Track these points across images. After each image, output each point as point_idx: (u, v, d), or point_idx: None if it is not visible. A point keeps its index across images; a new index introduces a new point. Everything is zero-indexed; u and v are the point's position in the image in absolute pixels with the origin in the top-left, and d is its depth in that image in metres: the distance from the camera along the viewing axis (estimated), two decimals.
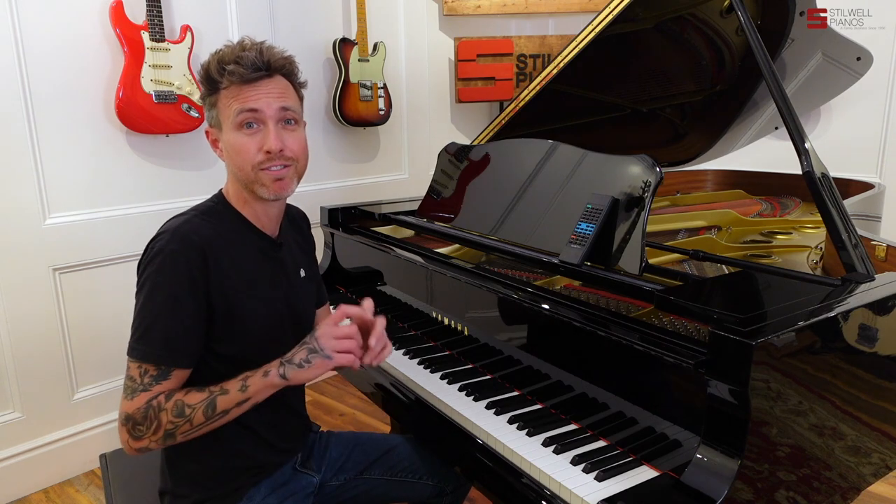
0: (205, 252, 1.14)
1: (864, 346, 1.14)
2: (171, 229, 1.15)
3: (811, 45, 1.98)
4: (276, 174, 1.18)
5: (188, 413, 1.08)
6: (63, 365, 2.32)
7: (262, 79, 1.16)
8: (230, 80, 1.15)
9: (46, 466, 2.31)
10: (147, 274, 1.13)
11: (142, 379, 1.11)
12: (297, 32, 2.84)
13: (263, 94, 1.16)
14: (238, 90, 1.15)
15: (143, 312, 1.12)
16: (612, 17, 1.66)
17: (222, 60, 1.16)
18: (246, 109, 1.15)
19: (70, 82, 2.21)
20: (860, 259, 1.22)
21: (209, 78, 1.18)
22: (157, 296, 1.11)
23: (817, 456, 1.08)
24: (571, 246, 1.37)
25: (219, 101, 1.18)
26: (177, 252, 1.12)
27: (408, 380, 1.46)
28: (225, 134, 1.19)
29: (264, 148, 1.16)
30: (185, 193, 2.53)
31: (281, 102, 1.18)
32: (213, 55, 1.18)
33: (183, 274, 1.11)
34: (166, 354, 1.11)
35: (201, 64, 1.21)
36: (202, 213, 1.22)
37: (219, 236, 1.18)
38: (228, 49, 1.17)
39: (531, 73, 3.44)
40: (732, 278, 1.33)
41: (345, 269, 2.07)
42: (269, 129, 1.17)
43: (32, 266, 2.20)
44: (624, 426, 1.15)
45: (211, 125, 1.22)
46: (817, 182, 1.24)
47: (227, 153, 1.19)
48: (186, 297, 1.12)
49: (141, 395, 1.10)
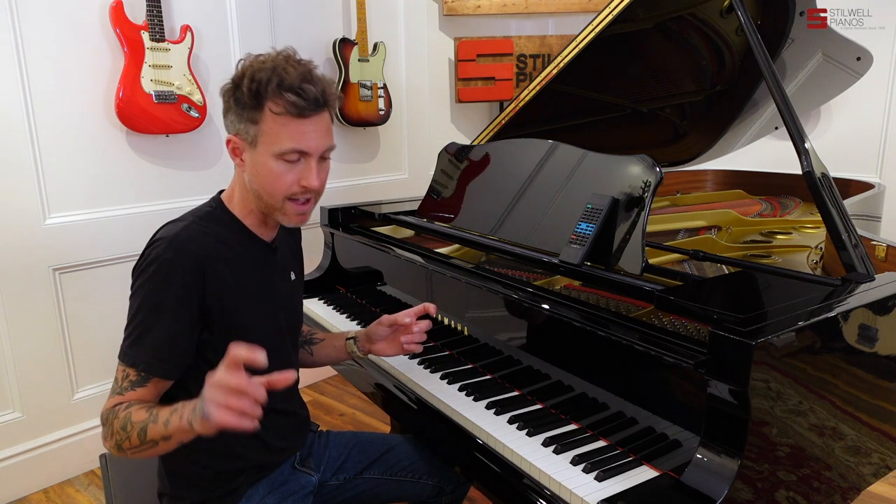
0: (202, 263, 1.13)
1: (864, 346, 1.14)
2: (168, 237, 1.13)
3: (811, 45, 1.98)
4: (302, 208, 1.18)
5: (128, 430, 1.05)
6: (63, 365, 2.32)
7: (315, 115, 1.13)
8: (287, 109, 1.10)
9: (46, 466, 2.30)
10: (141, 281, 1.12)
11: (121, 382, 1.11)
12: (297, 32, 2.83)
13: (314, 132, 1.13)
14: (289, 121, 1.11)
15: (135, 319, 1.11)
16: (612, 17, 1.66)
17: (283, 86, 1.09)
18: (297, 150, 1.13)
19: (70, 82, 2.21)
20: (860, 259, 1.22)
21: (259, 94, 1.11)
22: (148, 305, 1.10)
23: (817, 456, 1.08)
24: (571, 246, 1.37)
25: (262, 122, 1.12)
26: (172, 262, 1.10)
27: (408, 380, 1.46)
28: (259, 155, 1.14)
29: (302, 182, 1.15)
30: (185, 194, 2.53)
31: (326, 143, 1.16)
32: (267, 67, 1.11)
33: (176, 284, 1.10)
34: (149, 362, 1.10)
35: (244, 68, 1.13)
36: (200, 219, 1.19)
37: (217, 244, 1.17)
38: (290, 70, 1.11)
39: (531, 73, 3.44)
40: (732, 278, 1.33)
41: (345, 270, 2.07)
42: (312, 167, 1.15)
43: (32, 266, 2.19)
44: (624, 426, 1.15)
45: (240, 137, 1.16)
46: (817, 182, 1.24)
47: (257, 174, 1.15)
48: (178, 308, 1.11)
49: (115, 398, 1.10)
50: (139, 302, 1.11)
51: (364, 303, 1.95)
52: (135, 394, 1.10)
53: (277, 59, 1.13)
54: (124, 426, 1.05)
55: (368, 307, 1.91)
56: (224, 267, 1.16)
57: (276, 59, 1.13)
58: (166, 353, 1.11)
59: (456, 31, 3.45)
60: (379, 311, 1.85)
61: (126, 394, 1.10)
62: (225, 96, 1.17)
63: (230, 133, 1.18)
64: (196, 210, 1.23)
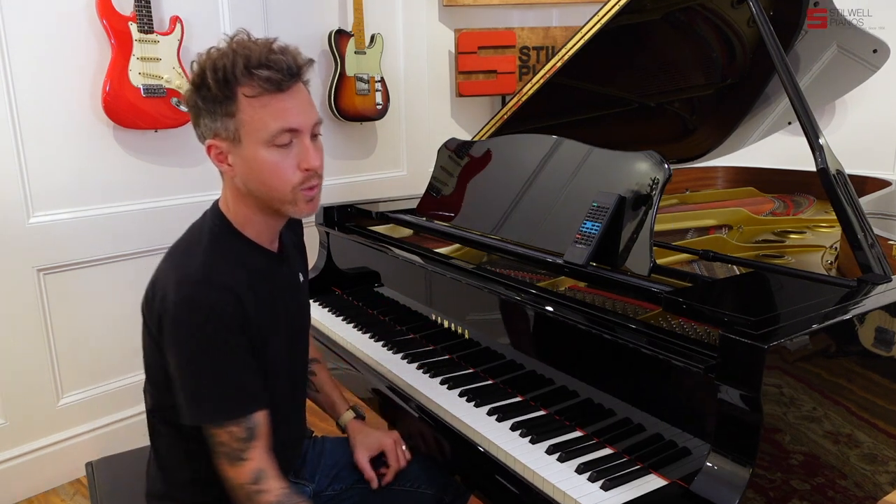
0: (237, 293, 1.08)
1: (880, 349, 1.13)
2: (197, 277, 1.06)
3: (825, 37, 1.97)
4: (311, 194, 1.12)
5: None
6: (48, 369, 2.28)
7: (293, 86, 1.07)
8: (262, 87, 1.03)
9: (30, 475, 2.28)
10: (185, 333, 1.05)
11: (232, 445, 1.07)
12: (291, 24, 2.80)
13: (297, 105, 1.07)
14: (269, 100, 1.04)
15: (198, 375, 1.06)
16: (618, 8, 1.64)
17: (251, 64, 1.03)
18: (287, 129, 1.06)
19: (55, 75, 2.18)
20: (877, 259, 1.20)
21: (227, 82, 1.04)
22: (207, 355, 1.05)
23: (832, 464, 1.07)
24: (576, 246, 1.36)
25: (240, 111, 1.05)
26: (215, 303, 1.05)
27: (406, 385, 1.45)
28: (248, 150, 1.07)
29: (303, 165, 1.08)
30: (174, 191, 2.50)
31: (314, 117, 1.10)
32: (226, 53, 1.05)
33: (227, 324, 1.06)
34: (241, 404, 1.08)
35: (201, 63, 1.07)
36: (212, 245, 1.12)
37: (237, 268, 1.11)
38: (253, 47, 1.05)
39: (534, 66, 3.42)
40: (744, 279, 1.32)
41: (340, 270, 2.06)
42: (307, 145, 1.08)
43: (16, 267, 2.16)
44: (631, 433, 1.14)
45: (220, 138, 1.08)
46: (832, 179, 1.22)
47: (251, 171, 1.08)
48: (236, 344, 1.07)
49: (244, 466, 1.08)
50: (192, 354, 1.06)
51: (361, 305, 1.94)
52: (256, 450, 1.08)
53: (234, 44, 1.07)
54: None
55: (365, 309, 1.91)
56: (248, 292, 1.11)
57: (232, 44, 1.07)
58: (248, 387, 1.09)
59: (456, 23, 3.42)
60: (376, 314, 1.84)
61: (250, 454, 1.07)
62: (190, 101, 1.09)
63: (207, 139, 1.10)
64: (200, 231, 1.15)
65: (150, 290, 1.13)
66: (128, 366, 2.45)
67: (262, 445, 1.09)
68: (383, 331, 1.71)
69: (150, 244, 2.39)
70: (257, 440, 1.09)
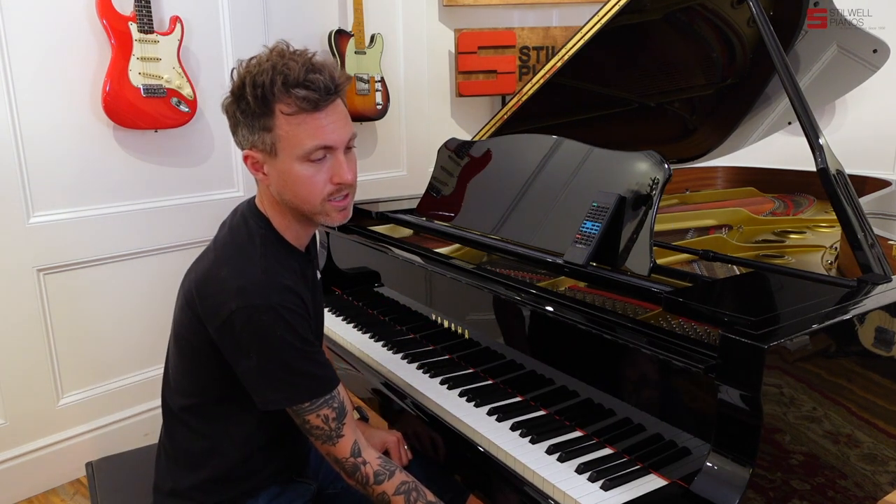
0: (296, 292, 1.12)
1: (880, 349, 1.12)
2: (260, 281, 1.10)
3: (826, 37, 1.96)
4: (342, 204, 1.16)
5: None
6: (48, 369, 2.28)
7: (329, 104, 1.09)
8: (299, 106, 1.06)
9: (30, 475, 2.27)
10: (258, 337, 1.08)
11: (328, 426, 1.13)
12: (291, 23, 2.79)
13: (333, 123, 1.09)
14: (305, 118, 1.07)
15: (286, 364, 1.10)
16: (618, 8, 1.64)
17: (289, 82, 1.05)
18: (322, 146, 1.09)
19: (55, 75, 2.18)
20: (877, 259, 1.20)
21: (266, 99, 1.06)
22: (291, 344, 1.09)
23: (832, 464, 1.07)
24: (576, 246, 1.36)
25: (277, 127, 1.08)
26: (284, 301, 1.09)
27: (406, 385, 1.45)
28: (283, 163, 1.10)
29: (335, 180, 1.12)
30: (174, 191, 2.49)
31: (349, 132, 1.13)
32: (265, 69, 1.07)
33: (298, 313, 1.11)
34: (328, 381, 1.13)
35: (241, 75, 1.09)
36: (265, 249, 1.15)
37: (288, 270, 1.15)
38: (292, 64, 1.06)
39: (534, 66, 3.41)
40: (744, 279, 1.32)
41: (341, 270, 2.06)
42: (341, 161, 1.12)
43: (16, 267, 2.16)
44: (631, 433, 1.14)
45: (257, 149, 1.11)
46: (832, 179, 1.22)
47: (285, 183, 1.12)
48: (308, 332, 1.12)
49: (342, 442, 1.14)
50: (274, 351, 1.09)
51: (361, 305, 1.94)
52: (347, 426, 1.15)
53: (273, 57, 1.08)
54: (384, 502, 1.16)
55: (365, 309, 1.90)
56: (303, 290, 1.15)
57: (272, 56, 1.08)
58: (328, 362, 1.15)
59: (456, 23, 3.41)
60: (376, 314, 1.84)
61: (343, 431, 1.14)
62: (229, 111, 1.13)
63: (244, 148, 1.14)
64: (248, 234, 1.17)
65: (203, 296, 1.13)
66: (128, 366, 2.45)
67: (351, 420, 1.16)
68: (383, 331, 1.71)
69: (150, 244, 2.39)
70: (347, 417, 1.15)
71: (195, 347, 1.17)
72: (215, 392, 1.19)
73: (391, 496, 1.15)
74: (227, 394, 1.17)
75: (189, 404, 1.21)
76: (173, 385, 1.24)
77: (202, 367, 1.18)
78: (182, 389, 1.22)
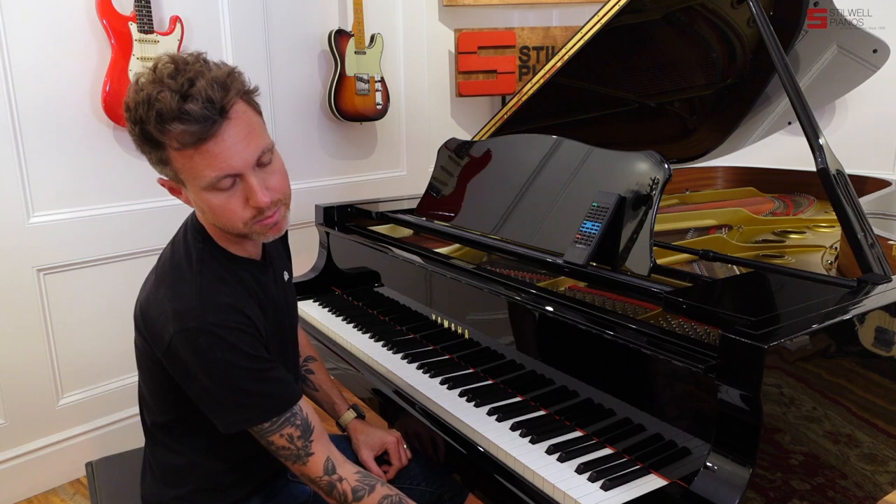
0: (239, 308, 1.07)
1: (880, 349, 1.12)
2: (198, 306, 1.03)
3: (826, 37, 1.96)
4: (270, 222, 1.06)
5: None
6: (48, 370, 2.27)
7: (218, 130, 0.96)
8: (182, 142, 0.95)
9: (30, 475, 2.27)
10: (207, 357, 1.03)
11: (294, 445, 1.08)
12: (291, 24, 2.79)
13: (228, 149, 0.97)
14: (195, 151, 0.96)
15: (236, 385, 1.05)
16: (618, 8, 1.63)
17: (164, 118, 0.94)
18: (224, 176, 0.98)
19: (55, 75, 2.17)
20: (877, 259, 1.20)
21: (150, 139, 0.97)
22: (239, 365, 1.04)
23: (832, 464, 1.06)
24: (576, 246, 1.35)
25: (172, 160, 0.99)
26: (225, 320, 1.04)
27: (406, 384, 1.45)
28: (193, 193, 1.03)
29: (251, 204, 1.02)
30: None
31: (255, 149, 1.00)
32: (140, 101, 0.96)
33: (244, 331, 1.06)
34: (285, 398, 1.08)
35: (128, 104, 0.99)
36: (203, 267, 1.08)
37: (231, 285, 1.09)
38: (163, 97, 0.94)
39: (534, 66, 3.40)
40: (744, 279, 1.31)
41: (340, 270, 2.06)
42: (252, 185, 1.00)
43: (16, 267, 2.15)
44: (631, 433, 1.13)
45: (167, 177, 1.04)
46: (832, 179, 1.22)
47: (204, 212, 1.05)
48: (258, 347, 1.08)
49: (312, 461, 1.10)
50: (221, 374, 1.03)
51: (361, 305, 1.94)
52: (316, 443, 1.10)
53: (148, 86, 0.97)
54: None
55: (365, 309, 1.90)
56: (248, 303, 1.10)
57: (147, 85, 0.97)
58: (286, 375, 1.10)
59: (456, 23, 3.41)
60: (376, 314, 1.84)
61: (312, 449, 1.09)
62: (131, 136, 1.02)
63: (157, 174, 1.07)
64: (186, 253, 1.11)
65: (146, 322, 1.08)
66: (127, 366, 2.44)
67: (319, 435, 1.11)
68: (383, 331, 1.71)
69: (150, 244, 2.38)
70: (314, 433, 1.10)
71: (151, 369, 1.14)
72: (182, 411, 1.14)
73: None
74: (189, 410, 1.12)
75: (161, 422, 1.19)
76: (142, 401, 1.22)
77: (163, 388, 1.14)
78: (150, 408, 1.20)
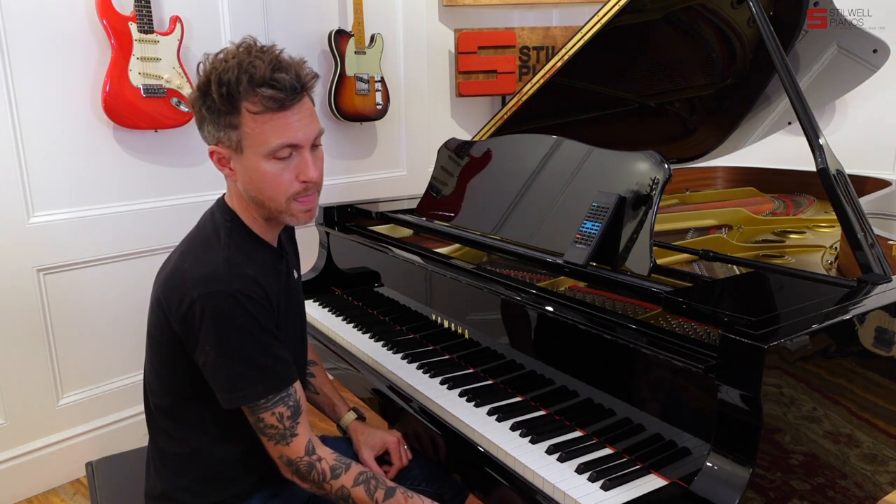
0: (260, 282, 1.12)
1: (880, 349, 1.12)
2: (225, 272, 1.09)
3: (826, 37, 1.96)
4: (307, 204, 1.15)
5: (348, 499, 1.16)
6: (48, 369, 2.28)
7: (296, 103, 1.09)
8: (265, 105, 1.06)
9: (30, 475, 2.27)
10: (216, 326, 1.07)
11: (282, 424, 1.12)
12: (291, 23, 2.79)
13: (299, 121, 1.09)
14: (271, 117, 1.07)
15: (233, 362, 1.09)
16: (618, 8, 1.63)
17: (255, 81, 1.04)
18: (288, 144, 1.09)
19: (55, 75, 2.17)
20: (877, 259, 1.20)
21: (231, 97, 1.06)
22: (250, 335, 1.09)
23: (832, 464, 1.07)
24: (576, 246, 1.35)
25: (243, 125, 1.07)
26: (245, 289, 1.09)
27: (406, 384, 1.45)
28: (249, 160, 1.10)
29: (301, 177, 1.12)
30: (174, 191, 2.49)
31: (315, 129, 1.12)
32: (231, 67, 1.06)
33: (260, 303, 1.10)
34: (284, 376, 1.12)
35: (207, 72, 1.08)
36: (230, 240, 1.15)
37: (252, 261, 1.15)
38: (257, 62, 1.05)
39: (534, 66, 3.40)
40: (744, 279, 1.31)
41: (340, 270, 2.06)
42: (307, 159, 1.11)
43: (16, 267, 2.16)
44: (631, 433, 1.13)
45: (223, 146, 1.11)
46: (832, 179, 1.22)
47: (251, 180, 1.12)
48: (269, 323, 1.12)
49: (296, 441, 1.13)
50: (233, 341, 1.08)
51: (361, 305, 1.94)
52: (301, 425, 1.14)
53: (240, 54, 1.07)
54: (344, 497, 1.16)
55: (365, 309, 1.90)
56: (267, 280, 1.15)
57: (239, 53, 1.08)
58: (286, 356, 1.14)
59: (456, 23, 3.41)
60: (376, 314, 1.84)
61: (298, 430, 1.13)
62: (196, 106, 1.11)
63: (211, 144, 1.13)
64: (214, 227, 1.17)
65: (168, 290, 1.13)
66: (127, 366, 2.44)
67: (305, 419, 1.15)
68: (383, 331, 1.71)
69: (150, 244, 2.39)
70: (301, 414, 1.14)
71: (163, 345, 1.17)
72: (184, 391, 1.18)
73: (350, 488, 1.15)
74: (196, 393, 1.16)
75: (162, 405, 1.21)
76: (148, 387, 1.24)
77: (170, 366, 1.18)
78: (154, 390, 1.22)
